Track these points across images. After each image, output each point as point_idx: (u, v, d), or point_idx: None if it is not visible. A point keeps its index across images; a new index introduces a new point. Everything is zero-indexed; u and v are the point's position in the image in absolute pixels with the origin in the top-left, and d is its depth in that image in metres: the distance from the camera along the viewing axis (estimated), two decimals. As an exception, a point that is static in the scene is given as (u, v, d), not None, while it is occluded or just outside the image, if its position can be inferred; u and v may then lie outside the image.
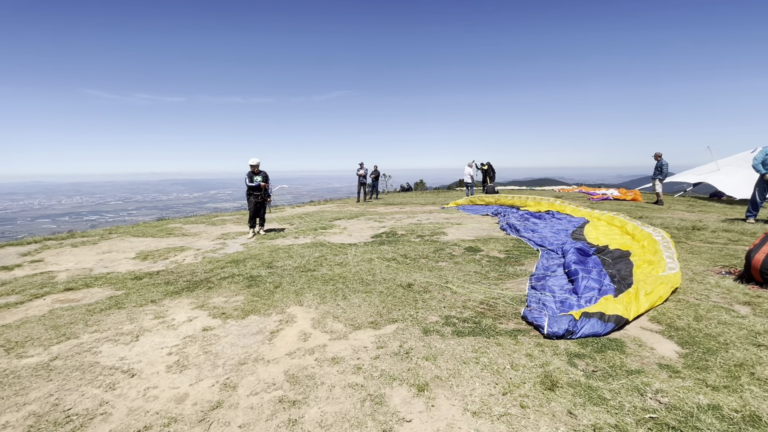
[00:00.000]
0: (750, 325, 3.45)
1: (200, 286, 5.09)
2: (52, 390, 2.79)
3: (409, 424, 2.35)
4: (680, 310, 3.86)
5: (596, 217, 8.88)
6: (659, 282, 4.15)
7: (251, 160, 8.66)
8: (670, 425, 2.20)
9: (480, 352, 3.13)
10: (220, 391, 2.74)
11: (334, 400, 2.60)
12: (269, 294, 4.68)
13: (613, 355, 3.03)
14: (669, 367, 2.84)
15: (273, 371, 2.99)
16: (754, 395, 2.45)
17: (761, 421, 2.21)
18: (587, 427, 2.23)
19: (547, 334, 3.34)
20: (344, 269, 5.66)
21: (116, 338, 3.60)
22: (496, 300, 4.27)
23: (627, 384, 2.63)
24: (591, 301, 4.02)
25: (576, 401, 2.47)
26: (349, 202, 17.58)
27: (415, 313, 3.98)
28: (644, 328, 3.53)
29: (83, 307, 4.39)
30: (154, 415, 2.51)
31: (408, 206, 15.07)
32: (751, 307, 3.89)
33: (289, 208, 15.03)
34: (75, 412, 2.54)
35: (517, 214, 10.78)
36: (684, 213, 10.97)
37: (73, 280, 5.51)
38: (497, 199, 13.84)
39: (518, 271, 5.44)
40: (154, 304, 4.46)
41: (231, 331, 3.71)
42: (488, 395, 2.59)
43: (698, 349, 3.09)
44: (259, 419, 2.44)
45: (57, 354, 3.32)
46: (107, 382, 2.88)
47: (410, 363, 3.02)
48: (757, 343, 3.13)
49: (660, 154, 13.21)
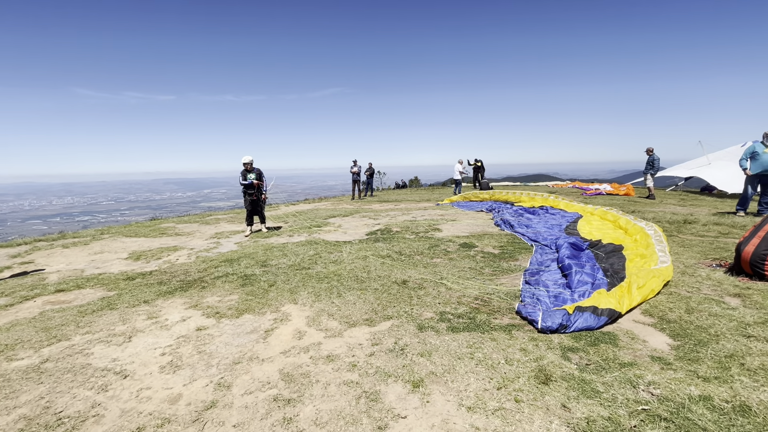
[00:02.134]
0: (740, 316, 3.50)
1: (194, 286, 5.05)
2: (43, 393, 2.75)
3: (405, 421, 2.35)
4: (672, 302, 3.90)
5: (589, 211, 8.93)
6: (651, 275, 4.19)
7: (244, 157, 8.60)
8: (662, 416, 2.22)
9: (475, 348, 3.14)
10: (215, 391, 2.72)
11: (329, 397, 2.60)
12: (264, 293, 4.66)
13: (606, 349, 3.06)
14: (661, 360, 2.87)
15: (268, 370, 2.97)
16: (744, 385, 2.49)
17: (751, 410, 2.24)
18: (581, 420, 2.25)
19: (541, 328, 3.36)
20: (339, 267, 5.65)
21: (108, 339, 3.57)
22: (490, 295, 4.29)
23: (620, 377, 2.65)
24: (584, 295, 4.05)
25: (570, 394, 2.49)
26: (343, 200, 17.54)
27: (410, 309, 3.99)
28: (637, 321, 3.56)
29: (75, 309, 4.34)
30: (148, 416, 2.49)
31: (403, 203, 15.07)
32: (741, 298, 3.94)
33: (284, 207, 14.97)
34: (66, 415, 2.51)
35: (511, 209, 10.82)
36: (676, 207, 11.08)
37: (65, 281, 5.44)
38: (491, 195, 13.89)
39: (512, 267, 5.46)
40: (147, 305, 4.42)
41: (225, 330, 3.69)
42: (483, 390, 2.60)
43: (689, 341, 3.12)
44: (253, 418, 2.43)
45: (48, 356, 3.27)
46: (99, 384, 2.85)
47: (405, 359, 3.02)
48: (747, 334, 3.17)
49: (651, 149, 13.33)
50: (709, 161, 15.70)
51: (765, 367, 2.69)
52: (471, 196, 14.55)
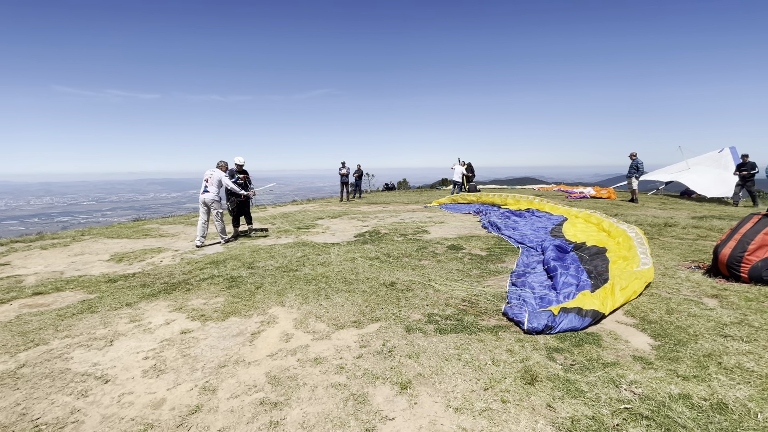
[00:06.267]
0: (717, 317, 3.61)
1: (178, 288, 4.96)
2: (20, 399, 2.66)
3: (392, 423, 2.35)
4: (653, 303, 4.00)
5: (574, 214, 9.10)
6: (634, 277, 4.29)
7: (237, 158, 8.65)
8: (643, 415, 2.28)
9: (462, 349, 3.16)
10: (199, 395, 2.68)
11: (316, 400, 2.58)
12: (250, 295, 4.60)
13: (590, 349, 3.12)
14: (642, 359, 2.94)
15: (254, 373, 2.94)
16: (722, 384, 2.57)
17: (728, 408, 2.31)
18: (565, 420, 2.29)
19: (527, 329, 3.41)
20: (327, 269, 5.62)
21: (89, 343, 3.47)
22: (477, 297, 4.33)
23: (603, 376, 2.71)
24: (569, 296, 4.12)
25: (555, 394, 2.53)
26: (332, 202, 17.47)
27: (398, 311, 3.99)
28: (620, 322, 3.64)
29: (53, 312, 4.21)
30: (130, 421, 2.43)
31: (391, 205, 15.09)
32: (718, 299, 4.06)
33: (271, 208, 14.83)
34: (44, 422, 2.43)
35: (498, 212, 10.95)
36: (656, 210, 11.38)
37: (43, 283, 5.28)
38: (479, 198, 14.02)
39: (499, 269, 5.52)
40: (129, 308, 4.32)
41: (210, 333, 3.63)
42: (470, 391, 2.62)
43: (670, 341, 3.21)
44: (239, 422, 2.40)
45: (25, 361, 3.17)
46: (79, 389, 2.77)
47: (393, 361, 3.03)
48: (724, 334, 3.27)
49: (635, 154, 13.68)
50: (688, 166, 16.17)
51: (741, 365, 2.79)
52: (459, 199, 14.67)
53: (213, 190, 7.59)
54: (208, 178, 7.62)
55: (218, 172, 7.70)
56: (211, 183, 7.61)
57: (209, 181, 7.61)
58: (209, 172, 7.67)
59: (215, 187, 7.64)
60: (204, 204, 7.55)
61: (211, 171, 7.69)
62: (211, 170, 7.71)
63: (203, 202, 7.54)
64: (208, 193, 7.55)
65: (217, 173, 7.68)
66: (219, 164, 7.94)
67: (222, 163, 7.98)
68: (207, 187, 7.59)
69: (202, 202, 7.55)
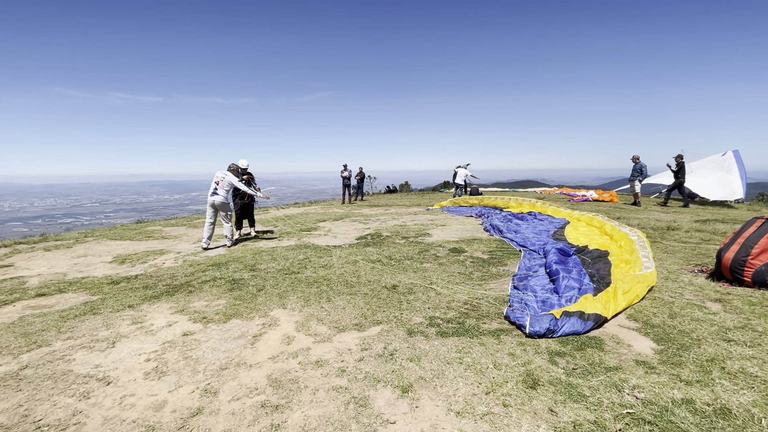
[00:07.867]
0: (721, 321, 3.59)
1: (180, 290, 4.97)
2: (22, 400, 2.67)
3: (393, 426, 2.35)
4: (656, 307, 3.98)
5: (576, 218, 9.08)
6: (636, 281, 4.27)
7: (242, 161, 8.66)
8: (646, 420, 2.26)
9: (464, 353, 3.16)
10: (201, 398, 2.68)
11: (317, 403, 2.58)
12: (252, 297, 4.61)
13: (592, 353, 3.10)
14: (645, 364, 2.93)
15: (255, 376, 2.94)
16: (725, 389, 2.55)
17: (731, 413, 2.30)
18: (567, 424, 2.28)
19: (529, 333, 3.40)
20: (329, 271, 5.62)
21: (91, 345, 3.48)
22: (479, 300, 4.32)
23: (605, 381, 2.70)
24: (571, 300, 4.11)
25: (557, 399, 2.52)
26: (334, 204, 17.49)
27: (399, 314, 3.99)
28: (622, 326, 3.63)
29: (56, 314, 4.22)
30: (131, 423, 2.43)
31: (393, 208, 15.10)
32: (721, 304, 4.04)
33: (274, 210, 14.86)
34: (46, 423, 2.44)
35: (500, 215, 10.93)
36: (659, 214, 11.34)
37: (46, 285, 5.30)
38: (481, 201, 14.01)
39: (501, 272, 5.51)
40: (131, 309, 4.33)
41: (212, 335, 3.64)
42: (472, 395, 2.61)
43: (672, 346, 3.19)
44: (240, 425, 2.40)
45: (27, 363, 3.18)
46: (81, 391, 2.78)
47: (394, 364, 3.02)
48: (727, 339, 3.25)
49: (638, 157, 13.66)
50: (691, 169, 16.11)
51: (744, 370, 2.77)
52: (460, 202, 14.66)
53: (223, 194, 7.47)
54: (219, 181, 7.48)
55: (230, 176, 7.56)
56: (222, 186, 7.48)
57: (220, 184, 7.47)
58: (220, 175, 7.53)
59: (225, 191, 7.52)
60: (212, 206, 7.44)
61: (222, 173, 7.55)
62: (222, 172, 7.57)
63: (212, 204, 7.42)
64: (217, 195, 7.41)
65: (229, 177, 7.54)
66: (231, 167, 7.79)
67: (234, 166, 7.85)
68: (217, 190, 7.45)
69: (211, 205, 7.43)
